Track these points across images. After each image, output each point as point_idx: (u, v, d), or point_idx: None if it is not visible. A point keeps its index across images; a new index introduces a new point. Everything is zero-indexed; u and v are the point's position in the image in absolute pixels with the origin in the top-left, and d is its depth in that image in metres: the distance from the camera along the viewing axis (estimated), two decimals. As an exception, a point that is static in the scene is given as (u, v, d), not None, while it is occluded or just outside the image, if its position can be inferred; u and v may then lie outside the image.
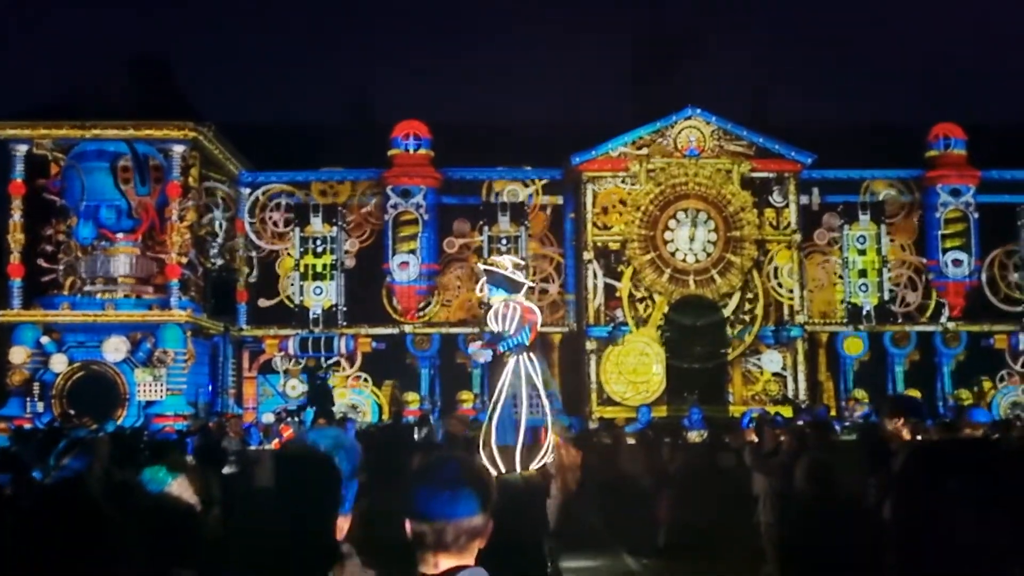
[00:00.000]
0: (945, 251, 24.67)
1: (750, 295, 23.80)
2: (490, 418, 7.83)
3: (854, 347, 24.35)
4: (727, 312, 23.68)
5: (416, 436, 15.29)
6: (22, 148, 21.41)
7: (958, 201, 24.68)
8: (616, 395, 23.14)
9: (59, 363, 20.53)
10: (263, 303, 24.50)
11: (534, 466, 7.75)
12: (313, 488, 2.49)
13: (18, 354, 20.52)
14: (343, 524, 2.59)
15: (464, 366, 23.80)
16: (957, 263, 24.58)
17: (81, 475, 4.56)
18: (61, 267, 21.78)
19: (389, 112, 26.43)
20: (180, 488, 3.29)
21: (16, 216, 21.28)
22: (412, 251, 24.18)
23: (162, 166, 21.32)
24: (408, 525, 2.62)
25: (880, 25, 54.46)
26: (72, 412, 17.22)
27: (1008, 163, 24.78)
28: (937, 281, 24.76)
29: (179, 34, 47.52)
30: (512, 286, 8.21)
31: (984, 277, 25.03)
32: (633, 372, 23.22)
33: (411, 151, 24.42)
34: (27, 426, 16.72)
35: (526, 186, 24.91)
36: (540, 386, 7.62)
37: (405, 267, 24.10)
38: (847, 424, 20.70)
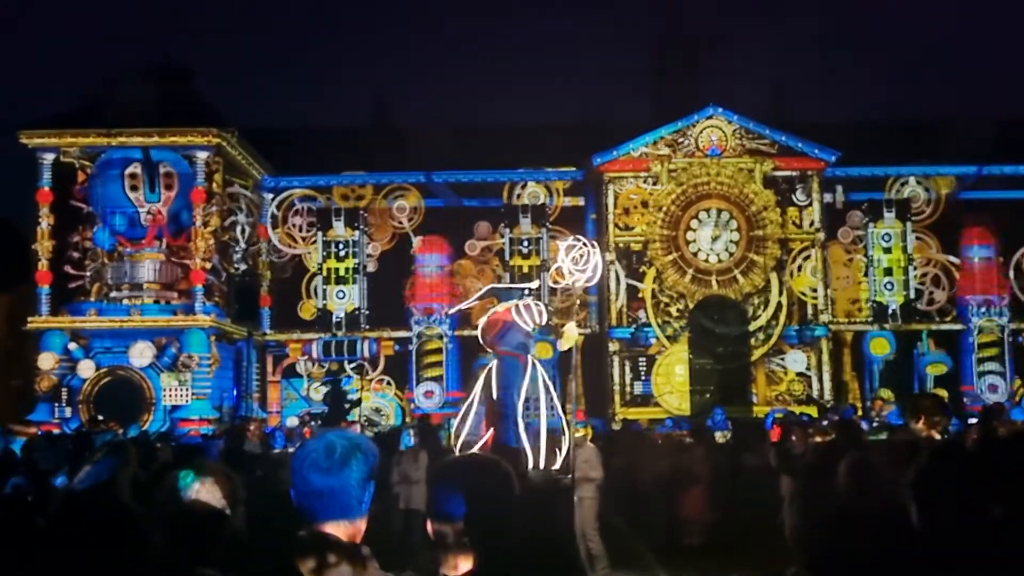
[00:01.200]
0: (980, 375, 23.78)
1: (777, 295, 23.55)
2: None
3: (879, 348, 23.93)
4: (760, 322, 23.37)
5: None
6: (49, 156, 21.64)
7: (990, 314, 23.76)
8: (667, 404, 22.87)
9: (86, 368, 20.75)
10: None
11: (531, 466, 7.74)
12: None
13: (46, 360, 20.77)
14: (360, 526, 2.60)
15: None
16: (993, 388, 23.58)
17: (114, 478, 4.61)
18: (88, 274, 22.02)
19: (410, 114, 26.49)
20: (207, 491, 3.33)
21: (44, 224, 21.52)
22: (436, 378, 23.79)
23: (174, 173, 21.45)
24: (429, 525, 2.62)
25: (905, 18, 53.98)
26: (100, 417, 17.37)
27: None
28: (974, 407, 24.04)
29: (202, 40, 47.92)
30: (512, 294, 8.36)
31: (1012, 274, 24.65)
32: (683, 383, 23.11)
33: (433, 269, 24.02)
34: (55, 431, 16.90)
35: (547, 188, 24.88)
36: (496, 389, 7.64)
37: (431, 395, 23.63)
38: (874, 424, 20.47)
